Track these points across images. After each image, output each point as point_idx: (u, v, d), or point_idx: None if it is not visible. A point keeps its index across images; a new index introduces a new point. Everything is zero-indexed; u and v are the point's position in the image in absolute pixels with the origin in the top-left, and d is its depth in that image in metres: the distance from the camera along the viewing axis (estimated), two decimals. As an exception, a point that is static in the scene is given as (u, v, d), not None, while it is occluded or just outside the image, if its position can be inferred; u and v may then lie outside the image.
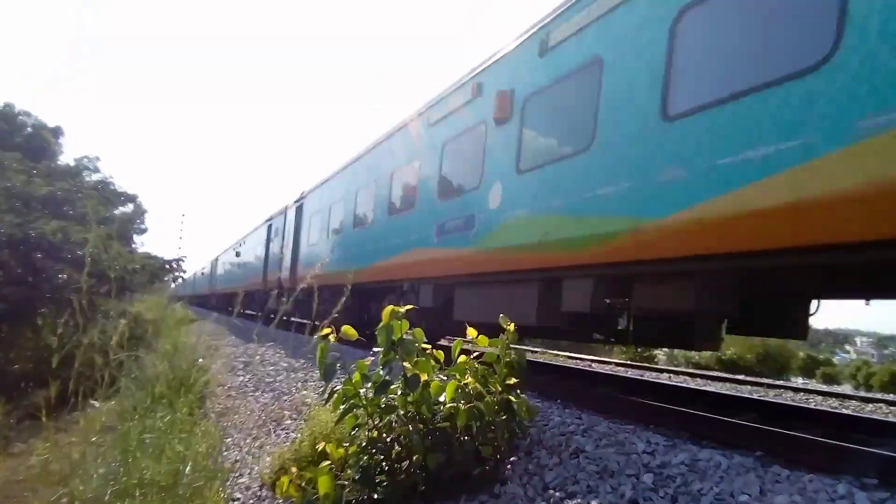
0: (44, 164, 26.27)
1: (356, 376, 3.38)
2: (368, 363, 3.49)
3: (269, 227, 20.43)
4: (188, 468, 3.46)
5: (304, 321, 10.72)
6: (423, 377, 3.31)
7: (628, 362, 14.01)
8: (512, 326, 3.83)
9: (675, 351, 20.61)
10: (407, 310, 3.43)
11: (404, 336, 3.39)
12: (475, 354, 3.70)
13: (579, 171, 5.32)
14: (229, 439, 5.76)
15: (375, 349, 3.46)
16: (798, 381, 14.79)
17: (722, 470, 3.08)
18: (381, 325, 3.39)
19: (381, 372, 3.35)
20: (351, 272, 9.27)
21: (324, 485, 3.13)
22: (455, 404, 3.32)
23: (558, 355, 13.71)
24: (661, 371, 11.99)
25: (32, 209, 19.08)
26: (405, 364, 3.32)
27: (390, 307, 3.42)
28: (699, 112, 4.21)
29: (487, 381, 3.60)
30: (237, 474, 4.76)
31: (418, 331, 3.49)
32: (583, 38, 5.47)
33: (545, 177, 5.78)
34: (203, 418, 5.80)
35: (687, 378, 10.64)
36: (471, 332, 3.88)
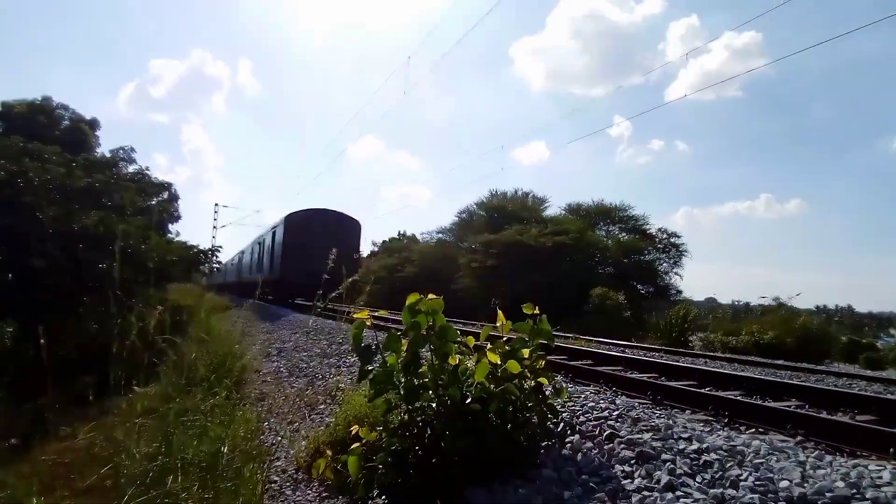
0: (82, 156, 26.98)
1: (391, 359, 3.37)
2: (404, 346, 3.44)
3: None
4: (226, 449, 3.54)
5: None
6: (454, 360, 3.29)
7: (663, 347, 13.80)
8: (536, 310, 3.71)
9: (712, 336, 20.18)
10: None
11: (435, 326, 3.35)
12: (504, 339, 3.63)
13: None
14: (265, 423, 5.89)
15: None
16: (838, 366, 14.37)
17: (761, 455, 3.02)
18: (406, 309, 3.37)
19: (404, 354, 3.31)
20: None
21: (352, 466, 3.16)
22: (488, 385, 3.29)
23: (591, 341, 13.59)
24: (698, 356, 11.80)
25: (72, 201, 19.67)
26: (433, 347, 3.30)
27: (414, 296, 3.39)
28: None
29: (520, 359, 3.51)
30: (273, 457, 4.86)
31: (440, 317, 3.43)
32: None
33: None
34: (240, 402, 5.93)
35: (724, 363, 10.45)
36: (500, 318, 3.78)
